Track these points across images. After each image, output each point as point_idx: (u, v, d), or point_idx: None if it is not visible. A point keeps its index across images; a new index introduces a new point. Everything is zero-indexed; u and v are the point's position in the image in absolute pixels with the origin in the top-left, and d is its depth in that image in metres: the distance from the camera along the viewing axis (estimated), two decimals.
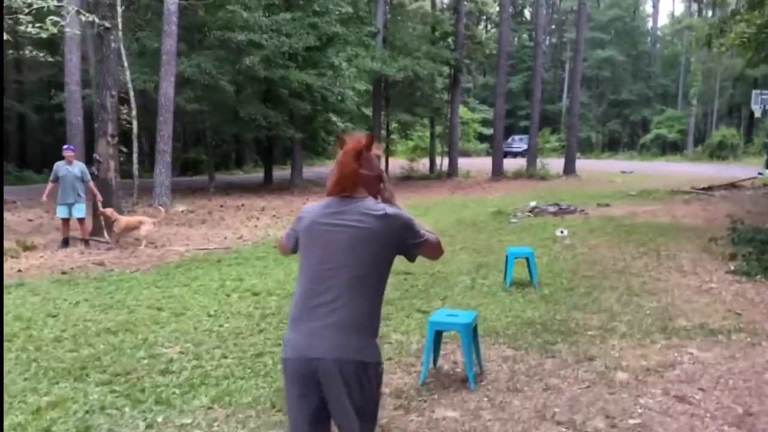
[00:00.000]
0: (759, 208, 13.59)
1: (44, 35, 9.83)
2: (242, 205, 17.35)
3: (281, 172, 30.60)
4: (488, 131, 54.12)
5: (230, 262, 9.68)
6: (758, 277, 7.94)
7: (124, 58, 15.18)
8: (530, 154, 25.46)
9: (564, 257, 9.47)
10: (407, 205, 16.40)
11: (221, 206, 17.02)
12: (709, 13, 53.05)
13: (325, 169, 33.40)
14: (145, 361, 5.06)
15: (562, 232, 11.49)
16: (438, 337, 4.87)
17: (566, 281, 7.86)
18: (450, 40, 25.94)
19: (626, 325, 5.95)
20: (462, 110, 46.95)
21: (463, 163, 32.76)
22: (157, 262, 9.89)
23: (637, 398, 4.29)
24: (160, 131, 15.69)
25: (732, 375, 4.71)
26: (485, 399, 4.31)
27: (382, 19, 21.49)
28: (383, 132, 24.93)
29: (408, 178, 26.28)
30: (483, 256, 9.61)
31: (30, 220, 14.10)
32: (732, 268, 8.44)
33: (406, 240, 2.40)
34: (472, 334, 4.63)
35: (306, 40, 18.12)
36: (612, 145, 55.36)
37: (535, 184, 22.67)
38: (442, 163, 28.51)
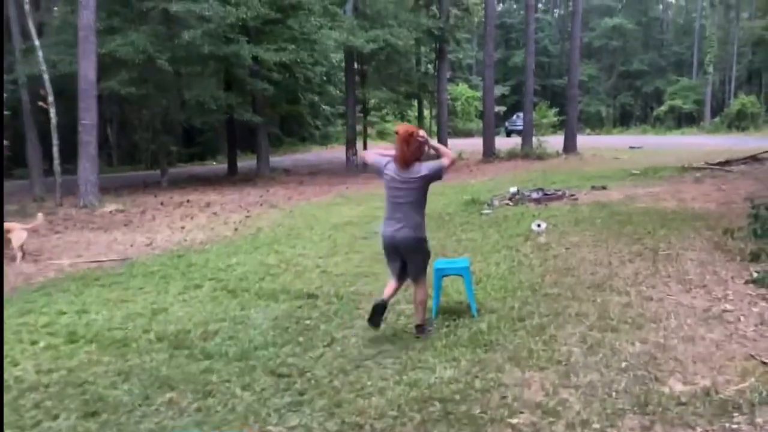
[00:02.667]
0: None
1: None
2: (188, 201, 15.22)
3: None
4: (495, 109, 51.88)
5: (108, 281, 7.56)
6: None
7: (33, 34, 13.03)
8: (525, 131, 22.97)
9: (531, 263, 7.20)
10: (377, 194, 14.11)
11: (162, 203, 14.90)
12: None
13: (311, 156, 31.20)
14: None
15: (538, 225, 9.20)
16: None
17: (520, 305, 5.62)
18: (434, 8, 23.47)
19: (581, 400, 3.71)
20: (461, 87, 44.62)
21: (461, 143, 30.40)
22: (20, 284, 7.80)
23: None
24: (81, 120, 13.55)
25: None
26: None
27: None
28: (359, 112, 22.60)
29: None
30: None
31: None
32: (754, 275, 6.13)
33: (434, 181, 4.87)
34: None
35: (256, 9, 15.80)
36: (624, 120, 52.41)
37: (529, 164, 20.29)
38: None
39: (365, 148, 22.56)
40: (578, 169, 17.99)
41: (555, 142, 23.71)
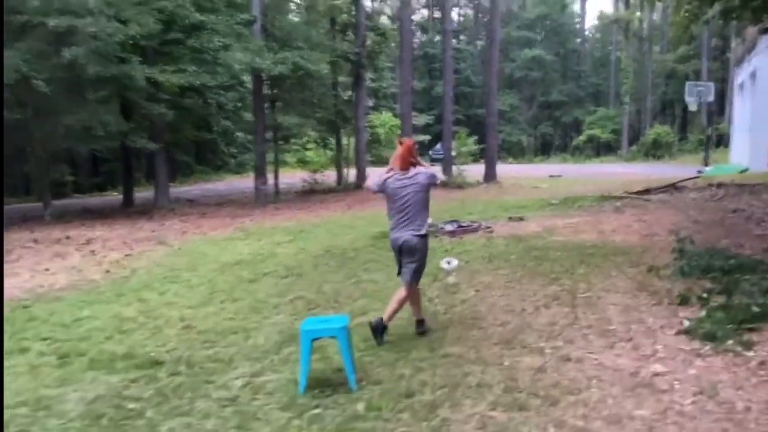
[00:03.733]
0: (707, 215, 10.64)
1: None
2: (67, 237, 13.51)
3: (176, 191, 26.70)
4: (418, 138, 51.56)
5: None
6: (729, 343, 4.78)
7: None
8: (445, 160, 22.26)
9: (435, 311, 6.16)
10: (282, 227, 12.82)
11: (35, 240, 13.14)
12: (637, 13, 51.73)
13: (223, 185, 29.57)
14: None
15: (448, 263, 8.18)
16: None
17: (412, 371, 4.53)
18: (351, 32, 22.61)
19: None
20: (385, 115, 44.06)
21: (382, 171, 29.67)
22: None
23: None
24: None
25: None
26: None
27: (259, 5, 17.90)
28: (269, 139, 21.31)
29: (311, 192, 22.74)
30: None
31: None
32: (685, 323, 5.26)
33: (432, 185, 5.31)
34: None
35: (148, 26, 14.41)
36: (545, 149, 53.16)
37: (449, 193, 19.49)
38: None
39: (277, 177, 21.34)
40: (497, 199, 17.31)
41: (476, 170, 23.12)
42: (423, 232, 5.18)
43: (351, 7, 22.29)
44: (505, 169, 28.16)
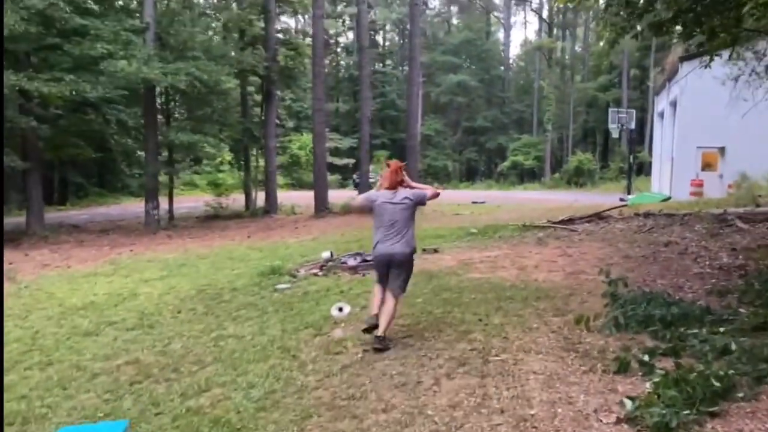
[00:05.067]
0: (638, 249, 9.54)
1: None
2: None
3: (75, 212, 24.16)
4: (340, 161, 50.12)
5: None
6: None
7: None
8: (362, 183, 20.86)
9: (301, 386, 4.61)
10: (161, 260, 10.98)
11: None
12: (559, 43, 52.46)
13: (117, 209, 27.05)
14: None
15: (340, 310, 6.70)
16: None
17: None
18: (260, 47, 20.97)
19: None
20: (306, 137, 42.49)
21: (298, 196, 28.08)
22: None
23: None
24: None
25: None
26: None
27: (152, 11, 16.06)
28: (165, 155, 19.38)
29: (215, 218, 20.79)
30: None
31: None
32: (627, 405, 3.91)
33: (420, 203, 5.64)
34: None
35: (17, 29, 12.41)
36: (470, 174, 52.79)
37: (365, 221, 18.05)
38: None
39: (171, 200, 19.38)
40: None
41: None
42: (414, 246, 5.69)
43: (260, 18, 20.68)
44: None
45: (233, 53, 18.24)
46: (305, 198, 24.28)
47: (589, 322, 5.68)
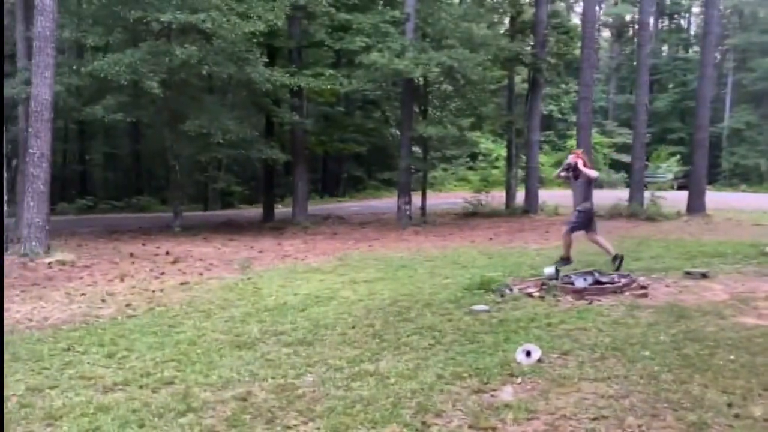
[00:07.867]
0: None
1: None
2: (167, 252, 12.37)
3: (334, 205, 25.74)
4: (627, 158, 45.58)
5: None
6: None
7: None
8: (633, 183, 18.00)
9: None
10: (389, 258, 10.42)
11: (131, 254, 12.17)
12: None
13: (390, 202, 27.69)
14: None
15: (528, 354, 5.14)
16: None
17: None
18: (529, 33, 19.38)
19: None
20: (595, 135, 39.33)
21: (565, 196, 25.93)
22: None
23: None
24: (30, 149, 11.20)
25: None
26: None
27: (413, 1, 15.57)
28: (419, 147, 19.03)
29: (473, 215, 19.92)
30: None
31: None
32: None
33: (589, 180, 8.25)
34: None
35: (266, 19, 12.85)
36: None
37: (631, 227, 15.47)
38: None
39: (424, 196, 18.98)
40: (692, 239, 13.10)
41: (677, 198, 18.56)
42: (580, 209, 8.22)
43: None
44: (727, 199, 22.83)
45: (491, 41, 16.95)
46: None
47: None
